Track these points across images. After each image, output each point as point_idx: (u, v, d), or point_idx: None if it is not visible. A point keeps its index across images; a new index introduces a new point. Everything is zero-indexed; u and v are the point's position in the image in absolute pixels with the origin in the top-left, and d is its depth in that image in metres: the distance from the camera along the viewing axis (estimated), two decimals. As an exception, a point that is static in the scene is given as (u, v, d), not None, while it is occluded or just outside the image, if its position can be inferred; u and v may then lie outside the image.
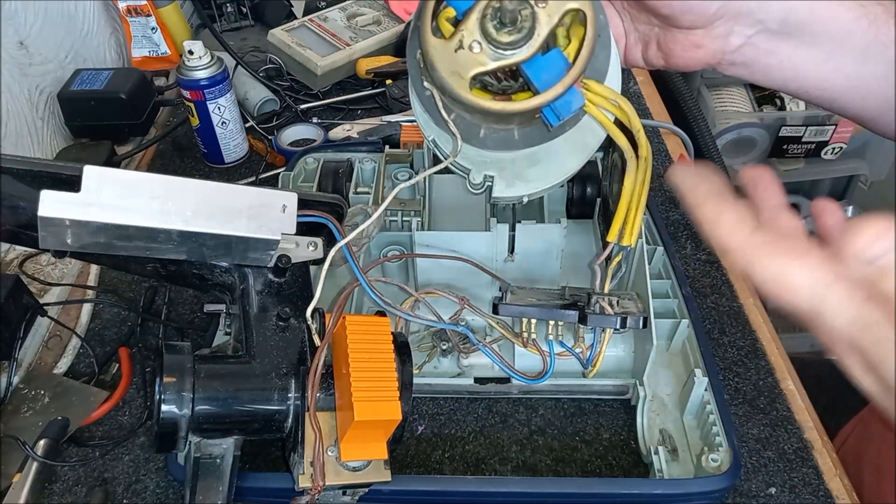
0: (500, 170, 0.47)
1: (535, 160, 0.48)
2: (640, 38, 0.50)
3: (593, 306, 0.51)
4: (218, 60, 0.89)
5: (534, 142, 0.44)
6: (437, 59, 0.40)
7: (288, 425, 0.46)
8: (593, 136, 0.49)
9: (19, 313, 0.69)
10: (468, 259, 0.63)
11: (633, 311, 0.51)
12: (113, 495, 0.59)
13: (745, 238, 0.34)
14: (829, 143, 1.49)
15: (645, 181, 0.48)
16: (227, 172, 0.96)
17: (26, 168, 0.43)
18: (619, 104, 0.45)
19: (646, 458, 0.59)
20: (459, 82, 0.40)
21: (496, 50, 0.40)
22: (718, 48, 0.46)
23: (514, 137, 0.44)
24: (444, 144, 0.49)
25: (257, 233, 0.46)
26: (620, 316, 0.51)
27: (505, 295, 0.55)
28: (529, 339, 0.56)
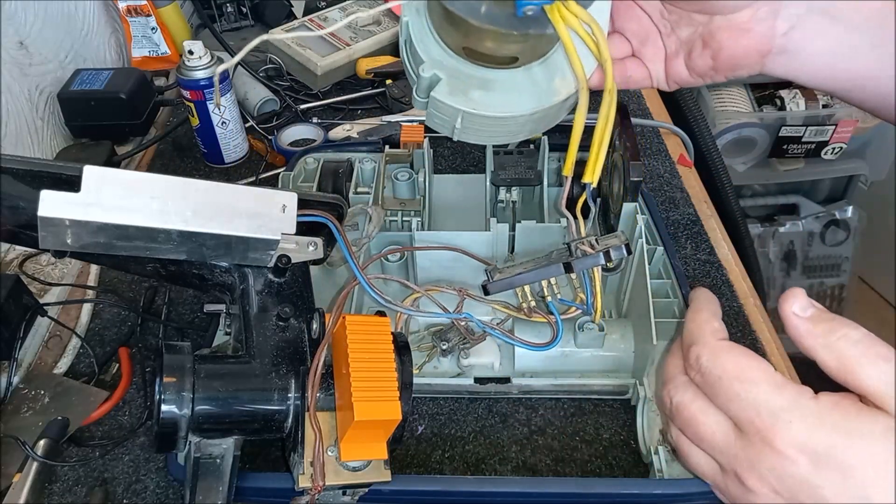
0: (451, 76, 0.45)
1: (490, 86, 0.46)
2: (681, 46, 0.48)
3: (575, 252, 0.51)
4: (218, 60, 0.89)
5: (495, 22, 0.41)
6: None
7: (288, 425, 0.46)
8: (562, 84, 0.46)
9: (19, 313, 0.69)
10: (462, 249, 0.63)
11: (614, 244, 0.51)
12: (113, 495, 0.59)
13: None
14: (829, 143, 1.49)
15: (609, 117, 0.47)
16: (227, 172, 0.96)
17: (26, 168, 0.43)
18: (592, 30, 0.43)
19: (646, 458, 0.59)
20: None
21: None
22: (767, 31, 0.44)
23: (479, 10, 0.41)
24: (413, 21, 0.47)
25: (257, 233, 0.46)
26: (602, 252, 0.50)
27: (490, 275, 0.55)
28: (530, 307, 0.56)
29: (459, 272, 0.65)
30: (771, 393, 0.34)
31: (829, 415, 0.33)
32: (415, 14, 0.45)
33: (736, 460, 0.36)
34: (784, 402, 0.34)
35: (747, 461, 0.35)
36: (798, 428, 0.33)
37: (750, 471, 0.35)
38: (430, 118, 0.48)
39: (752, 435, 0.34)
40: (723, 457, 0.37)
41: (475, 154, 0.97)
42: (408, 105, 1.02)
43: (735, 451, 0.35)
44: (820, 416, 0.33)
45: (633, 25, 0.49)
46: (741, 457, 0.35)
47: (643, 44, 0.50)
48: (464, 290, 0.59)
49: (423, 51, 0.45)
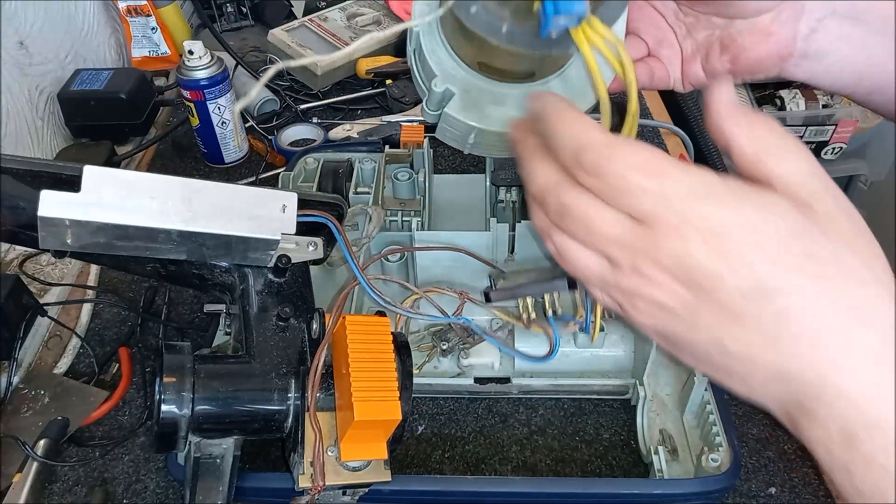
0: (465, 91, 0.44)
1: (504, 101, 0.45)
2: (698, 48, 0.47)
3: None
4: (218, 60, 0.89)
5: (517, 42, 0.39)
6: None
7: (288, 425, 0.46)
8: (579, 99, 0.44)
9: (19, 313, 0.69)
10: (463, 249, 0.63)
11: None
12: (113, 495, 0.59)
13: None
14: (829, 143, 1.49)
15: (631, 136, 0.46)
16: (227, 172, 0.96)
17: (26, 168, 0.43)
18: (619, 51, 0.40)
19: (646, 458, 0.59)
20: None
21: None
22: (789, 35, 0.43)
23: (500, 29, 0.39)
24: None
25: (257, 233, 0.46)
26: None
27: (493, 282, 0.54)
28: (530, 318, 0.56)
29: (460, 273, 0.65)
30: (676, 180, 0.31)
31: (733, 192, 0.31)
32: (426, 24, 0.43)
33: (634, 251, 0.33)
34: (688, 184, 0.31)
35: (647, 250, 0.32)
36: (701, 207, 0.31)
37: (649, 259, 0.32)
38: (442, 132, 0.47)
39: (657, 224, 0.31)
40: (619, 250, 0.33)
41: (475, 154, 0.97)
42: (408, 105, 1.02)
43: (634, 241, 0.32)
44: (725, 194, 0.31)
45: (648, 27, 0.48)
46: (641, 247, 0.32)
47: (659, 45, 0.49)
48: (465, 293, 0.59)
49: (436, 63, 0.43)
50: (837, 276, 0.30)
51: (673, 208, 0.31)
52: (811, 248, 0.30)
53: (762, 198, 0.31)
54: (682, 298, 0.32)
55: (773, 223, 0.30)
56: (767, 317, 0.30)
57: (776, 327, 0.30)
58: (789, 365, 0.30)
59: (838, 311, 0.29)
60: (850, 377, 0.29)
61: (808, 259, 0.30)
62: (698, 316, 0.32)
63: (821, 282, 0.30)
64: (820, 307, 0.29)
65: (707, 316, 0.32)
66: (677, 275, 0.31)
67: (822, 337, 0.30)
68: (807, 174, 0.32)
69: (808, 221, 0.31)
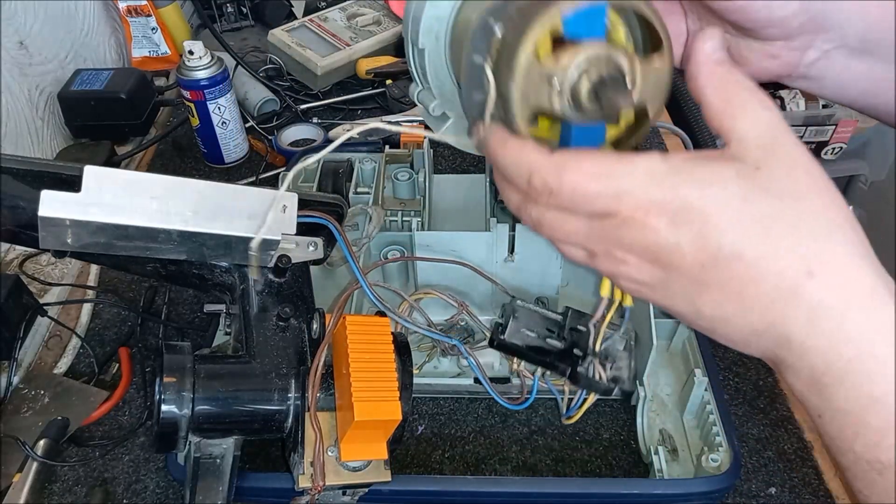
0: (460, 117, 0.44)
1: None
2: None
3: (587, 366, 0.51)
4: (218, 60, 0.89)
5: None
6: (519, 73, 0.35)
7: (288, 425, 0.46)
8: None
9: (19, 313, 0.69)
10: (468, 264, 0.63)
11: (622, 377, 0.52)
12: (113, 495, 0.59)
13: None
14: (830, 143, 1.49)
15: None
16: (227, 172, 0.96)
17: (26, 168, 0.43)
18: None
19: (646, 458, 0.59)
20: (522, 106, 0.36)
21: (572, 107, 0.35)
22: (794, 60, 0.44)
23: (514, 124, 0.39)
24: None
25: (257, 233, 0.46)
26: (607, 387, 0.51)
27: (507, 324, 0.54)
28: (520, 367, 0.57)
29: (460, 274, 0.65)
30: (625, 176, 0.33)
31: (680, 170, 0.32)
32: (433, 41, 0.41)
33: (604, 240, 0.35)
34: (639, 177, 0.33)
35: (614, 239, 0.35)
36: (653, 192, 0.32)
37: (617, 246, 0.35)
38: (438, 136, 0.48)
39: (617, 215, 0.33)
40: (591, 243, 0.36)
41: (475, 154, 0.97)
42: (408, 105, 1.02)
43: (601, 233, 0.35)
44: (673, 174, 0.32)
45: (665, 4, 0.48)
46: (608, 236, 0.35)
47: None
48: (465, 304, 0.59)
49: (437, 86, 0.43)
50: (786, 234, 0.31)
51: (626, 202, 0.33)
52: (757, 211, 0.31)
53: (706, 172, 0.32)
54: (654, 274, 0.34)
55: (718, 196, 0.32)
56: (729, 281, 0.32)
57: (739, 290, 0.32)
58: (759, 323, 0.32)
59: (790, 267, 0.31)
60: (808, 330, 0.31)
61: (754, 223, 0.31)
62: (671, 287, 0.34)
63: (770, 241, 0.31)
64: (773, 266, 0.31)
65: (679, 286, 0.34)
66: (644, 255, 0.34)
67: (780, 294, 0.31)
68: (763, 131, 0.33)
69: (751, 185, 0.32)
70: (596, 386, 0.51)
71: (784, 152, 0.33)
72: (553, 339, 0.54)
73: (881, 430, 0.31)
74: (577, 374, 0.51)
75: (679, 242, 0.32)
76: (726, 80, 0.35)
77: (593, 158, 0.34)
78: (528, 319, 0.56)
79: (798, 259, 0.31)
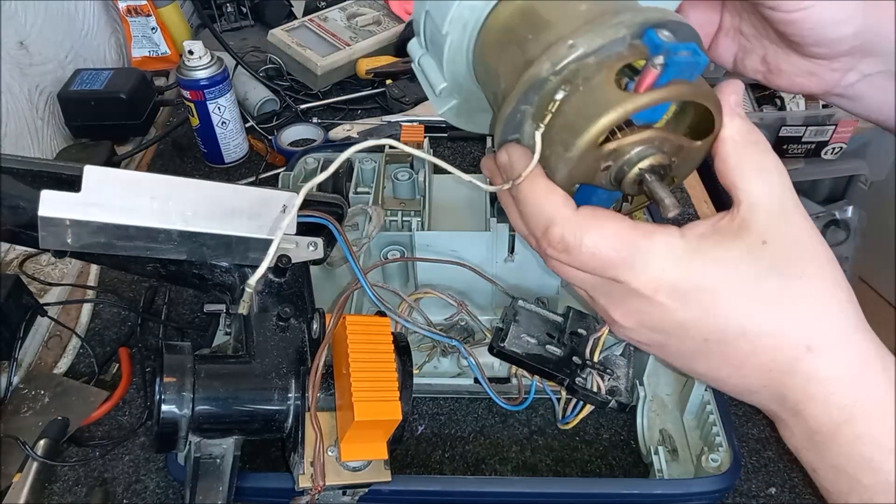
0: (465, 100, 0.43)
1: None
2: (737, 41, 0.45)
3: (585, 377, 0.51)
4: (218, 60, 0.89)
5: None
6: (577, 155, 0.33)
7: (288, 425, 0.46)
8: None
9: (19, 313, 0.69)
10: (467, 264, 0.63)
11: (620, 388, 0.52)
12: (113, 495, 0.59)
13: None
14: (829, 143, 1.49)
15: None
16: (227, 172, 0.96)
17: (26, 168, 0.43)
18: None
19: (646, 458, 0.59)
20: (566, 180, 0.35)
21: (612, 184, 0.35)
22: (834, 81, 0.43)
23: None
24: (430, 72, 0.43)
25: (257, 233, 0.46)
26: (604, 399, 0.51)
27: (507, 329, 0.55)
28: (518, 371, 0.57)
29: (460, 274, 0.65)
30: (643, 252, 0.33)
31: (696, 250, 0.33)
32: (460, 30, 0.38)
33: (605, 298, 0.36)
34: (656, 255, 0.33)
35: (617, 301, 0.35)
36: (668, 273, 0.33)
37: (619, 307, 0.35)
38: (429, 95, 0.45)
39: (626, 284, 0.34)
40: (594, 295, 0.37)
41: (475, 154, 0.97)
42: (408, 105, 1.02)
43: (605, 292, 0.36)
44: (689, 254, 0.33)
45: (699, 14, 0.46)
46: (611, 297, 0.36)
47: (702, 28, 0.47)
48: (464, 304, 0.59)
49: (450, 70, 0.41)
50: (790, 312, 0.33)
51: (639, 276, 0.33)
52: (764, 290, 0.33)
53: (720, 252, 0.33)
54: (652, 338, 0.36)
55: (730, 277, 0.33)
56: (729, 354, 0.34)
57: (739, 361, 0.34)
58: (754, 385, 0.34)
59: (791, 343, 0.33)
60: (802, 395, 0.33)
61: (761, 303, 0.33)
62: (667, 350, 0.36)
63: (774, 320, 0.33)
64: (775, 342, 0.33)
65: (676, 350, 0.35)
66: (644, 322, 0.35)
67: (777, 365, 0.33)
68: (775, 198, 0.34)
69: (760, 263, 0.33)
70: (592, 399, 0.51)
71: (791, 222, 0.34)
72: (553, 346, 0.54)
73: (873, 489, 0.32)
74: (574, 386, 0.51)
75: (685, 320, 0.33)
76: (745, 138, 0.34)
77: (615, 226, 0.33)
78: (529, 323, 0.56)
79: (799, 335, 0.33)
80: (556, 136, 0.33)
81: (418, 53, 0.42)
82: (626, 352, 0.55)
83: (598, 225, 0.33)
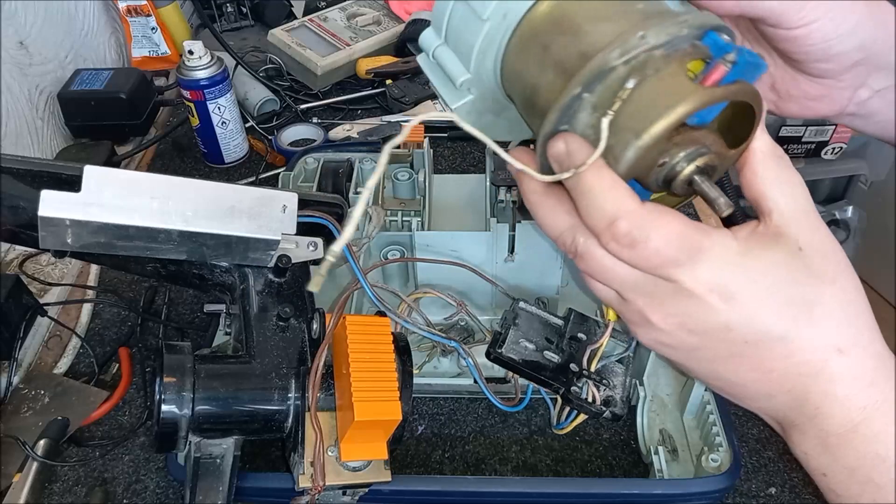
0: (480, 97, 0.41)
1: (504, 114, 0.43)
2: None
3: (581, 386, 0.51)
4: (218, 60, 0.89)
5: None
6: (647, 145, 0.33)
7: (288, 425, 0.46)
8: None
9: (19, 313, 0.69)
10: (467, 265, 0.63)
11: (615, 399, 0.52)
12: (113, 495, 0.59)
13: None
14: (829, 143, 1.49)
15: None
16: (227, 172, 0.96)
17: (26, 168, 0.43)
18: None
19: (646, 458, 0.59)
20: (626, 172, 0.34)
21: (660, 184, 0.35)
22: (845, 99, 0.43)
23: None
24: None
25: (257, 233, 0.46)
26: (598, 411, 0.51)
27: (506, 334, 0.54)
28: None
29: (460, 274, 0.65)
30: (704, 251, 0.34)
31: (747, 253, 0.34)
32: (500, 19, 0.37)
33: (645, 297, 0.36)
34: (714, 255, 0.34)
35: (658, 301, 0.35)
36: (722, 273, 0.34)
37: (658, 307, 0.35)
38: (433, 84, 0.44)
39: (681, 286, 0.34)
40: (631, 295, 0.36)
41: (475, 154, 0.97)
42: (408, 105, 1.02)
43: (648, 292, 0.35)
44: (741, 257, 0.34)
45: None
46: (653, 297, 0.35)
47: None
48: (463, 304, 0.59)
49: (477, 62, 0.39)
50: (826, 317, 0.34)
51: (695, 275, 0.34)
52: (803, 295, 0.34)
53: (767, 255, 0.34)
54: (686, 340, 0.36)
55: (775, 281, 0.34)
56: (765, 357, 0.34)
57: (771, 364, 0.35)
58: (776, 389, 0.35)
59: (824, 346, 0.34)
60: (823, 398, 0.34)
61: (801, 307, 0.34)
62: (697, 353, 0.36)
63: (812, 324, 0.34)
64: (810, 345, 0.34)
65: (707, 354, 0.36)
66: (685, 324, 0.35)
67: (809, 368, 0.34)
68: (801, 209, 0.35)
69: (799, 269, 0.34)
70: (587, 409, 0.51)
71: (819, 232, 0.35)
72: (551, 352, 0.54)
73: (886, 487, 0.34)
74: (569, 396, 0.51)
75: (729, 321, 0.34)
76: (773, 152, 0.36)
77: (680, 224, 0.33)
78: (529, 327, 0.56)
79: (832, 339, 0.34)
80: (625, 124, 0.33)
81: (434, 44, 0.41)
82: (626, 359, 0.55)
83: (665, 222, 0.33)
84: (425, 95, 1.02)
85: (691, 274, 0.34)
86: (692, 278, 0.34)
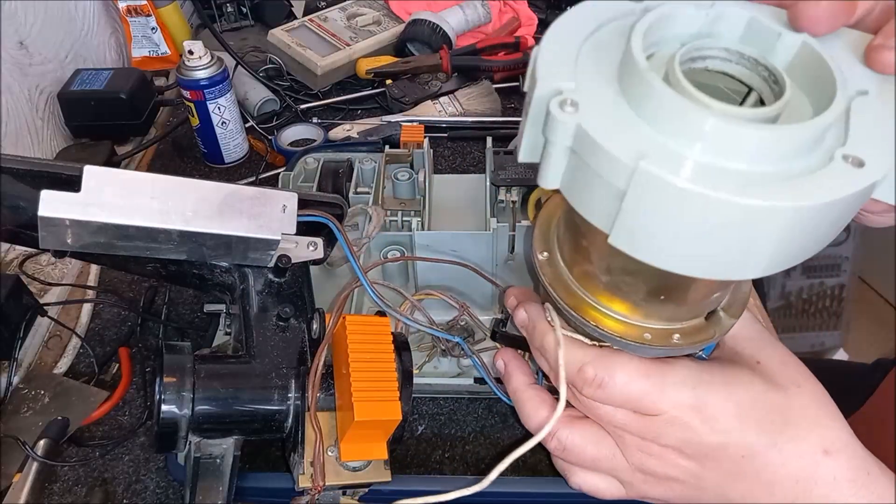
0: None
1: None
2: None
3: None
4: (218, 60, 0.89)
5: None
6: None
7: (288, 425, 0.46)
8: None
9: (19, 313, 0.69)
10: (467, 264, 0.63)
11: None
12: (113, 495, 0.59)
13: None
14: (829, 143, 1.49)
15: None
16: (227, 172, 0.96)
17: (26, 168, 0.43)
18: None
19: (646, 458, 0.59)
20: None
21: None
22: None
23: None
24: None
25: (257, 233, 0.46)
26: None
27: (501, 323, 0.54)
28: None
29: (460, 274, 0.65)
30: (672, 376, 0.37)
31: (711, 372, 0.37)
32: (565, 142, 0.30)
33: (640, 435, 0.38)
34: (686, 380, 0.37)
35: (653, 436, 0.38)
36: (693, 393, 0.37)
37: (654, 443, 0.38)
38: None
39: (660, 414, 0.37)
40: (626, 434, 0.39)
41: (475, 154, 0.97)
42: (408, 105, 1.02)
43: (639, 428, 0.38)
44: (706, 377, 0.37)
45: None
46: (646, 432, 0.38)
47: None
48: (465, 305, 0.59)
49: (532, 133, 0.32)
50: (802, 419, 0.37)
51: (672, 401, 0.37)
52: (774, 401, 0.37)
53: (728, 375, 0.38)
54: (688, 469, 0.38)
55: (747, 395, 0.37)
56: (762, 469, 0.37)
57: (771, 477, 0.37)
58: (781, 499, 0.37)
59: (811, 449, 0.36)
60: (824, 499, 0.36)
61: (775, 410, 0.37)
62: (704, 480, 0.38)
63: (791, 426, 0.37)
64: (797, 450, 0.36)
65: (712, 478, 0.38)
66: (683, 450, 0.37)
67: (804, 473, 0.36)
68: (748, 328, 0.40)
69: (763, 380, 0.37)
70: None
71: (771, 345, 0.39)
72: None
73: None
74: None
75: (720, 440, 0.36)
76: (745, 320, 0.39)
77: (636, 359, 0.38)
78: None
79: (815, 441, 0.36)
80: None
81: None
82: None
83: (625, 359, 0.38)
84: (425, 95, 1.03)
85: (667, 399, 0.37)
86: (671, 403, 0.37)
